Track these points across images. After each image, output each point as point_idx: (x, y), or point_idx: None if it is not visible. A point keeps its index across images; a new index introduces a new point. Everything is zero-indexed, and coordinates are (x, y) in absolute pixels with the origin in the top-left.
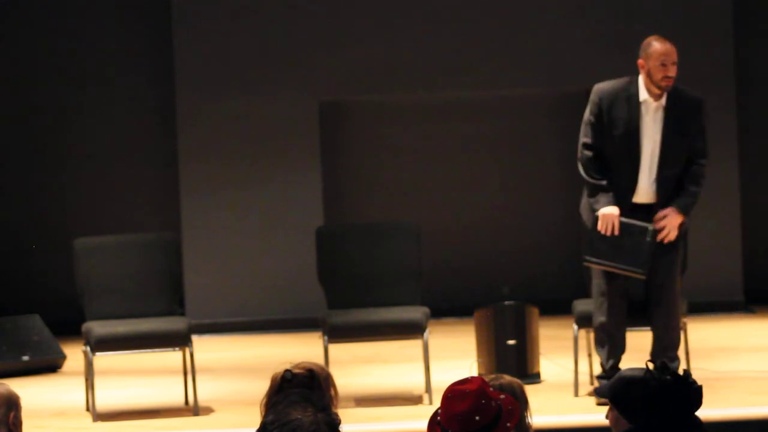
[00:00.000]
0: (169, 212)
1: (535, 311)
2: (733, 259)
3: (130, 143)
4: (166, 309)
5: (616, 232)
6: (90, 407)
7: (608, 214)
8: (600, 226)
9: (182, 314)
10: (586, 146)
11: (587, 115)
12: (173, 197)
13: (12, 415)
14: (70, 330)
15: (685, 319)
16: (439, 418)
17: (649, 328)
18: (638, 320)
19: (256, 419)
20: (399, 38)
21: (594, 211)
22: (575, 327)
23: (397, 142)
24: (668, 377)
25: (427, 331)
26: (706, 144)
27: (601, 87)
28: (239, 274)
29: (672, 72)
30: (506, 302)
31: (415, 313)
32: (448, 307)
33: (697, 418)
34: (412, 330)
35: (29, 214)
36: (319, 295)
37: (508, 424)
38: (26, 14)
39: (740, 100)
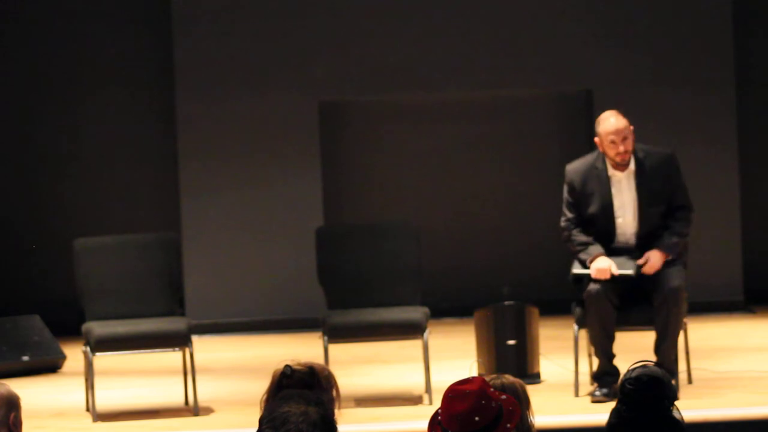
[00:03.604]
0: (169, 212)
1: (535, 311)
2: (733, 259)
3: (130, 143)
4: (166, 309)
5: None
6: (90, 407)
7: (603, 269)
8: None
9: (182, 314)
10: (566, 223)
11: (564, 193)
12: (173, 197)
13: (12, 415)
14: (70, 330)
15: (685, 319)
16: (439, 418)
17: (645, 328)
18: (640, 320)
19: (256, 419)
20: (399, 38)
21: (584, 261)
22: (575, 327)
23: (397, 142)
24: (630, 386)
25: (427, 331)
26: (687, 197)
27: (570, 168)
28: (239, 274)
29: (624, 147)
30: (506, 302)
31: (415, 313)
32: (448, 307)
33: (673, 417)
34: (412, 330)
35: (29, 214)
36: (319, 295)
37: (509, 425)
38: (26, 15)
39: (740, 100)
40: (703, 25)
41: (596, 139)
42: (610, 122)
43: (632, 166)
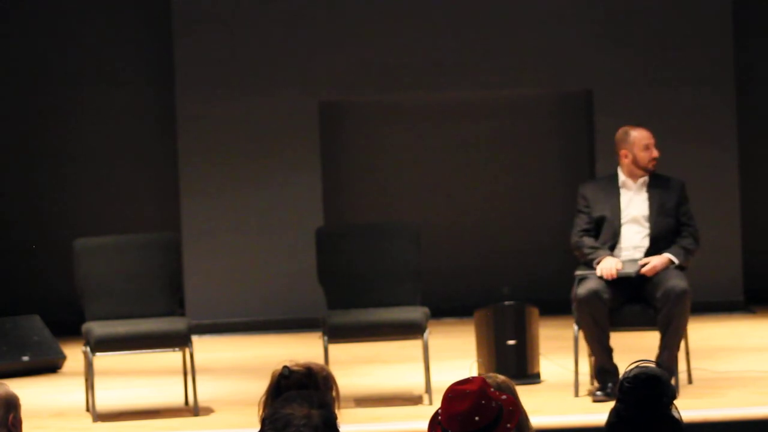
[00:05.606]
0: (169, 212)
1: (535, 311)
2: (733, 259)
3: (130, 143)
4: (166, 309)
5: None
6: (90, 407)
7: (608, 268)
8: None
9: (182, 314)
10: (576, 232)
11: (577, 208)
12: (173, 197)
13: (11, 416)
14: (70, 330)
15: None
16: (439, 418)
17: (644, 329)
18: (639, 320)
19: (256, 419)
20: (399, 38)
21: (593, 261)
22: (575, 327)
23: (397, 142)
24: (628, 384)
25: (427, 331)
26: (696, 225)
27: (585, 182)
28: (239, 274)
29: (656, 153)
30: (506, 302)
31: (415, 313)
32: (448, 307)
33: (671, 416)
34: (412, 330)
35: (29, 214)
36: (319, 295)
37: (509, 425)
38: (26, 15)
39: (740, 100)
40: (703, 25)
41: (622, 151)
42: (639, 130)
43: (646, 178)
